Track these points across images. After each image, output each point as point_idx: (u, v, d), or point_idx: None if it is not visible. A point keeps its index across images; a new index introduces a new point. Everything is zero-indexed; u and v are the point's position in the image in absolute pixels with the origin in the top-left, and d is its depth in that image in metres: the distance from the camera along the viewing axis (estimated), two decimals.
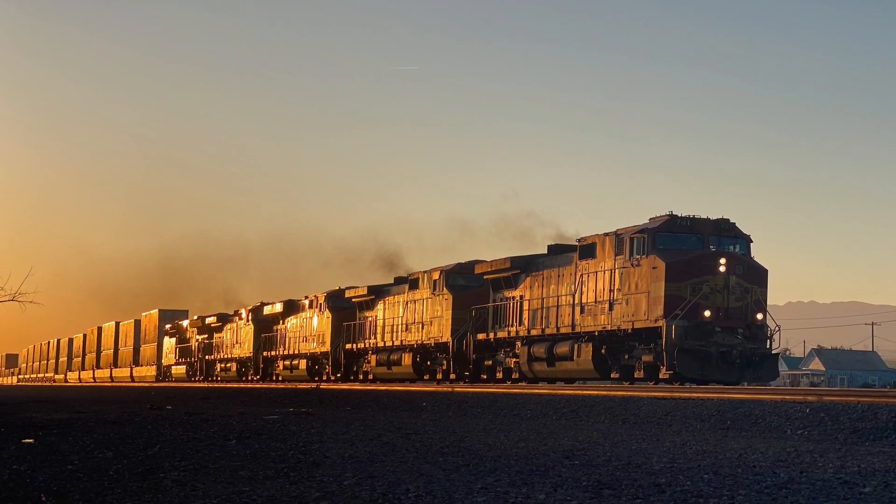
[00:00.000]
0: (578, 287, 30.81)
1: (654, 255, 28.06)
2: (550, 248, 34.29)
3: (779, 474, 9.09)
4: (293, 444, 12.69)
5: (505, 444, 12.52)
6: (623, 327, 28.88)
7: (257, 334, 56.85)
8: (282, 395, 32.39)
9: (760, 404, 16.75)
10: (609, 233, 29.92)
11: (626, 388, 25.22)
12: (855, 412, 14.86)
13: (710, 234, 28.56)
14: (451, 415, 20.45)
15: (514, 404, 21.43)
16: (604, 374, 30.42)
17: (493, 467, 9.82)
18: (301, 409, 23.07)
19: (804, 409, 15.66)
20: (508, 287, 34.77)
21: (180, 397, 34.55)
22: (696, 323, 27.32)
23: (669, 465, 9.94)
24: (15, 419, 19.99)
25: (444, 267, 38.97)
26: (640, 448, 11.83)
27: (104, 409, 24.22)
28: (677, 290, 27.46)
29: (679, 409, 17.44)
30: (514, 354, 34.21)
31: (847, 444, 12.46)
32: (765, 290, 28.47)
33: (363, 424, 16.59)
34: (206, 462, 10.55)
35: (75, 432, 15.35)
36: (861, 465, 9.85)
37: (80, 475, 9.66)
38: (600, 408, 19.04)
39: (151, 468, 10.06)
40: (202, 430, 15.63)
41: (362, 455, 11.14)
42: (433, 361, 39.42)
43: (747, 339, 27.83)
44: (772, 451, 11.34)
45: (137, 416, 20.21)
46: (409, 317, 40.59)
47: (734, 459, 10.42)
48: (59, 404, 29.36)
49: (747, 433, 14.48)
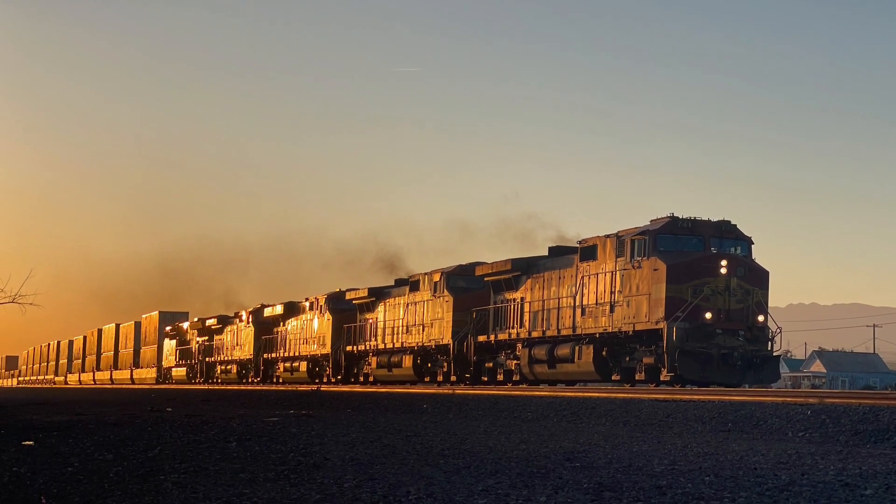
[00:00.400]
0: (579, 289, 30.79)
1: (655, 257, 28.04)
2: (551, 250, 34.27)
3: (780, 476, 9.07)
4: (293, 446, 12.67)
5: (506, 446, 12.50)
6: (624, 329, 28.85)
7: (258, 336, 56.82)
8: (282, 398, 32.37)
9: (762, 406, 16.73)
10: (610, 234, 29.90)
11: (627, 391, 25.19)
12: (856, 414, 14.84)
13: (711, 236, 28.54)
14: (452, 417, 20.43)
15: (514, 406, 21.41)
16: (605, 377, 30.39)
17: (494, 469, 9.80)
18: (301, 411, 23.06)
19: (805, 412, 15.64)
20: (509, 289, 34.75)
21: (180, 399, 34.54)
22: (697, 325, 27.30)
23: (671, 467, 9.92)
24: (15, 421, 19.98)
25: (444, 269, 38.95)
26: (642, 450, 11.81)
27: (104, 412, 24.21)
28: (678, 292, 27.44)
29: (680, 411, 17.41)
30: (515, 356, 34.18)
31: (848, 447, 12.44)
32: (766, 292, 28.45)
33: (364, 427, 16.57)
34: (206, 464, 10.54)
35: (75, 435, 15.34)
36: (862, 467, 9.83)
37: (80, 477, 9.65)
38: (601, 410, 19.02)
39: (152, 470, 10.05)
40: (202, 432, 15.61)
41: (363, 457, 11.12)
42: (434, 363, 39.39)
43: (748, 341, 27.80)
44: (773, 453, 11.32)
45: (137, 419, 20.20)
46: (409, 319, 40.57)
47: (735, 462, 10.40)
48: (59, 406, 29.36)
49: (748, 435, 14.46)
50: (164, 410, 24.41)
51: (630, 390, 25.52)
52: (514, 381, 34.11)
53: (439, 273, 38.73)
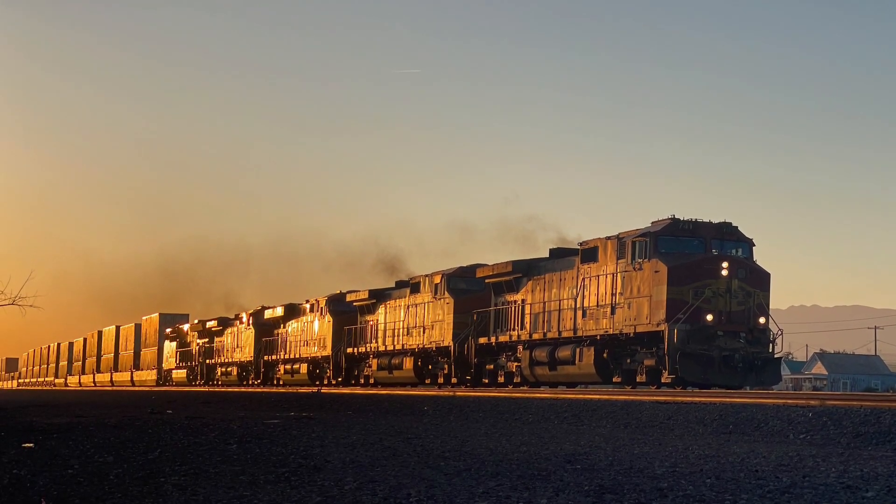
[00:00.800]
0: (580, 291, 30.77)
1: (656, 259, 28.03)
2: (552, 252, 34.26)
3: (781, 479, 9.05)
4: (294, 448, 12.65)
5: (506, 448, 12.48)
6: (625, 331, 28.84)
7: (258, 338, 56.82)
8: (283, 400, 32.34)
9: (763, 408, 16.71)
10: (611, 236, 29.89)
11: (628, 393, 25.17)
12: (858, 416, 14.82)
13: (712, 238, 28.54)
14: (453, 419, 20.40)
15: (515, 408, 21.38)
16: (606, 378, 30.38)
17: (495, 472, 9.78)
18: (302, 413, 23.03)
19: (807, 414, 15.62)
20: (510, 291, 34.74)
21: (181, 401, 34.52)
22: (698, 327, 27.29)
23: (672, 469, 9.90)
24: (15, 423, 19.96)
25: (445, 270, 38.94)
26: (643, 452, 11.79)
27: (104, 414, 24.18)
28: (679, 294, 27.44)
29: (681, 413, 17.39)
30: (516, 358, 34.17)
31: (850, 449, 12.41)
32: (767, 294, 28.45)
33: (364, 429, 16.55)
34: (206, 466, 10.52)
35: (75, 437, 15.32)
36: (864, 469, 9.80)
37: (80, 479, 9.63)
38: (602, 412, 18.99)
39: (152, 473, 10.03)
40: (203, 434, 15.59)
41: (363, 459, 11.10)
42: (434, 365, 39.37)
43: (749, 342, 27.80)
44: (774, 455, 11.30)
45: (138, 421, 20.17)
46: (410, 321, 40.56)
47: (736, 464, 10.38)
48: (59, 408, 29.34)
49: (750, 437, 14.44)
50: (164, 412, 24.38)
51: (631, 392, 25.51)
52: (515, 384, 34.10)
53: (440, 275, 38.72)
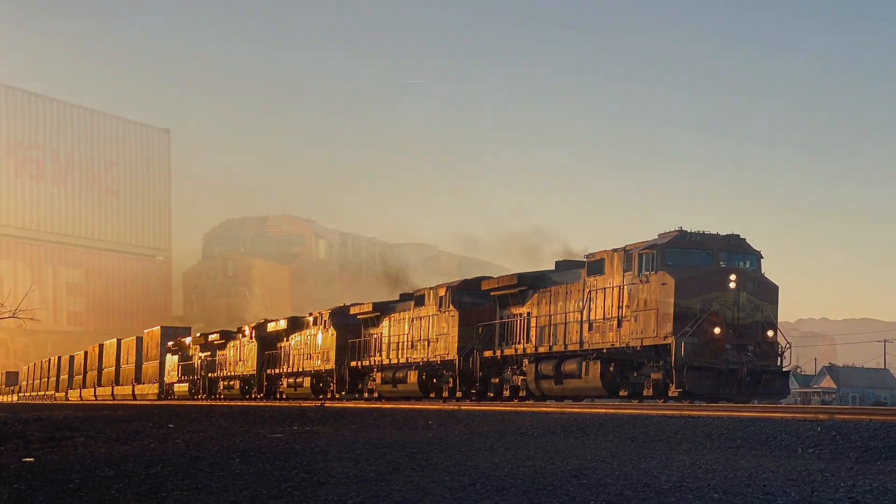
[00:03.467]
0: (586, 304, 30.66)
1: (663, 272, 27.92)
2: (558, 265, 34.16)
3: (790, 493, 8.95)
4: (297, 462, 12.55)
5: (512, 462, 12.37)
6: (632, 344, 28.71)
7: (261, 352, 56.71)
8: (286, 414, 32.23)
9: (771, 422, 16.58)
10: (618, 249, 29.80)
11: (634, 406, 25.05)
12: (867, 430, 14.69)
13: (720, 250, 28.44)
14: (457, 433, 20.28)
15: (520, 423, 21.27)
16: (612, 392, 30.24)
17: (500, 486, 9.67)
18: (305, 427, 22.92)
19: (815, 428, 15.49)
20: (515, 304, 34.63)
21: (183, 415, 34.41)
22: (705, 340, 27.16)
23: (679, 484, 9.78)
24: (15, 437, 19.86)
25: (450, 283, 38.85)
26: (649, 467, 11.68)
27: (106, 428, 24.08)
28: (687, 307, 27.32)
29: (688, 427, 17.26)
30: (522, 372, 34.03)
31: (859, 463, 12.29)
32: (775, 307, 28.33)
33: (368, 443, 16.44)
34: (208, 481, 10.42)
35: (76, 451, 15.23)
36: (873, 484, 9.69)
37: (81, 494, 9.54)
38: (609, 426, 18.86)
39: (153, 488, 9.93)
40: (205, 448, 15.49)
41: (367, 474, 10.99)
42: (439, 379, 39.24)
43: (757, 356, 27.67)
44: (782, 469, 11.19)
45: (139, 435, 20.08)
46: (414, 334, 40.46)
47: (744, 478, 10.27)
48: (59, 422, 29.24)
49: (758, 452, 14.31)
50: (166, 426, 24.28)
51: (638, 406, 25.38)
52: (521, 397, 33.96)
53: (444, 288, 38.63)
